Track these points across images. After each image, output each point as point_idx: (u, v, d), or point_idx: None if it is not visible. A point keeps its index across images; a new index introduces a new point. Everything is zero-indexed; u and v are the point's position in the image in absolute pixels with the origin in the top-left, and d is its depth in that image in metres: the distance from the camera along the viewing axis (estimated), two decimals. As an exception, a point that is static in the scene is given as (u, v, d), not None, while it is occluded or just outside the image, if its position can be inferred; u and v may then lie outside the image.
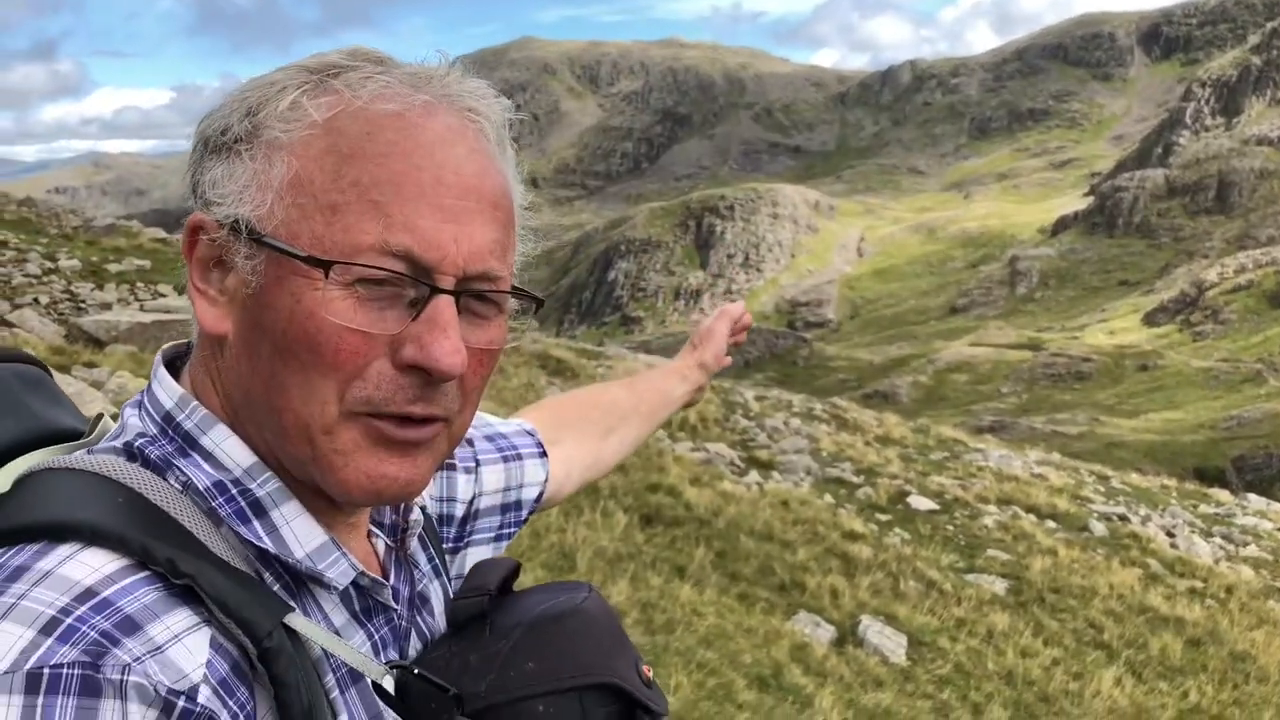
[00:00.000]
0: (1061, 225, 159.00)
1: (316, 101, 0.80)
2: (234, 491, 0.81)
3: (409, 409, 0.80)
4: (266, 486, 0.82)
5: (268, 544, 0.81)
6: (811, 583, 8.60)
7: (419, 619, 0.98)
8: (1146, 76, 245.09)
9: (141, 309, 12.42)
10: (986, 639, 8.41)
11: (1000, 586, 9.93)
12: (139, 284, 14.24)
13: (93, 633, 0.66)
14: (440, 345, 0.78)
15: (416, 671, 0.85)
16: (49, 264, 14.17)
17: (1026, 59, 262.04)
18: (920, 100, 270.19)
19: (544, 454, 1.29)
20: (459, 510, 1.16)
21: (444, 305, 0.79)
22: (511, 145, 0.90)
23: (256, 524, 0.81)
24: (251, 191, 0.80)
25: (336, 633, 0.85)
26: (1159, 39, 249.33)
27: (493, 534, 1.20)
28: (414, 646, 0.95)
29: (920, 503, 12.38)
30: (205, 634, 0.71)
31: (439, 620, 1.01)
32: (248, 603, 0.73)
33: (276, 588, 0.82)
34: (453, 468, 1.16)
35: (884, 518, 11.71)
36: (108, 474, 0.78)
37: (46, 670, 0.64)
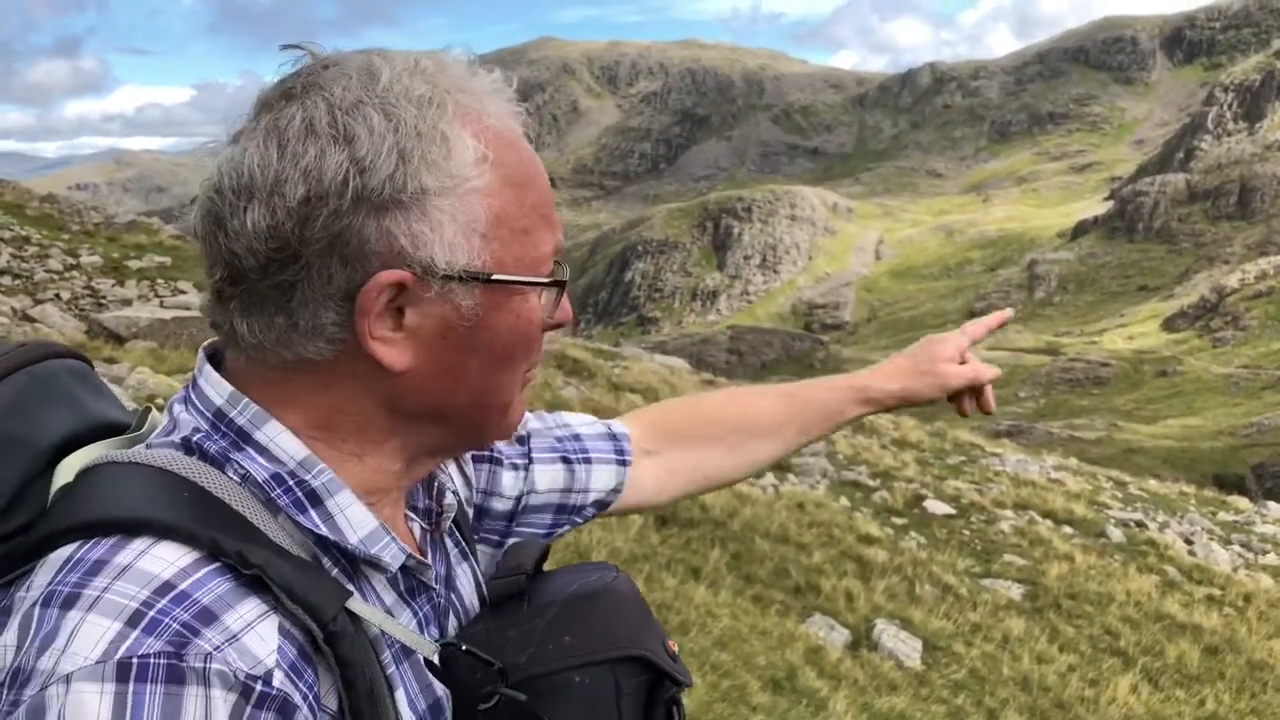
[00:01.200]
0: (1081, 229, 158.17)
1: (471, 130, 0.86)
2: (290, 483, 0.85)
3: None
4: (321, 477, 0.86)
5: (324, 530, 0.85)
6: (826, 586, 8.59)
7: (455, 597, 1.03)
8: (1169, 80, 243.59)
9: (161, 305, 12.51)
10: (1002, 644, 8.38)
11: (1016, 592, 9.89)
12: (159, 280, 14.34)
13: (175, 624, 0.70)
14: (567, 312, 0.95)
15: (465, 648, 0.90)
16: (70, 260, 14.29)
17: (1048, 62, 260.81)
18: (940, 103, 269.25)
19: (623, 462, 1.29)
20: (502, 505, 1.19)
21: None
22: None
23: (313, 512, 0.85)
24: (462, 239, 0.85)
25: (388, 612, 0.90)
26: (1182, 43, 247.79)
27: (544, 531, 1.23)
28: (451, 624, 1.01)
29: (936, 507, 12.34)
30: (274, 621, 0.75)
31: (468, 599, 1.06)
32: (312, 589, 0.78)
33: (335, 572, 0.86)
34: (498, 462, 1.19)
35: (900, 521, 11.68)
36: (171, 468, 0.82)
37: (135, 660, 0.68)
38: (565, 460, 1.25)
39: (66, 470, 0.85)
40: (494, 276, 0.86)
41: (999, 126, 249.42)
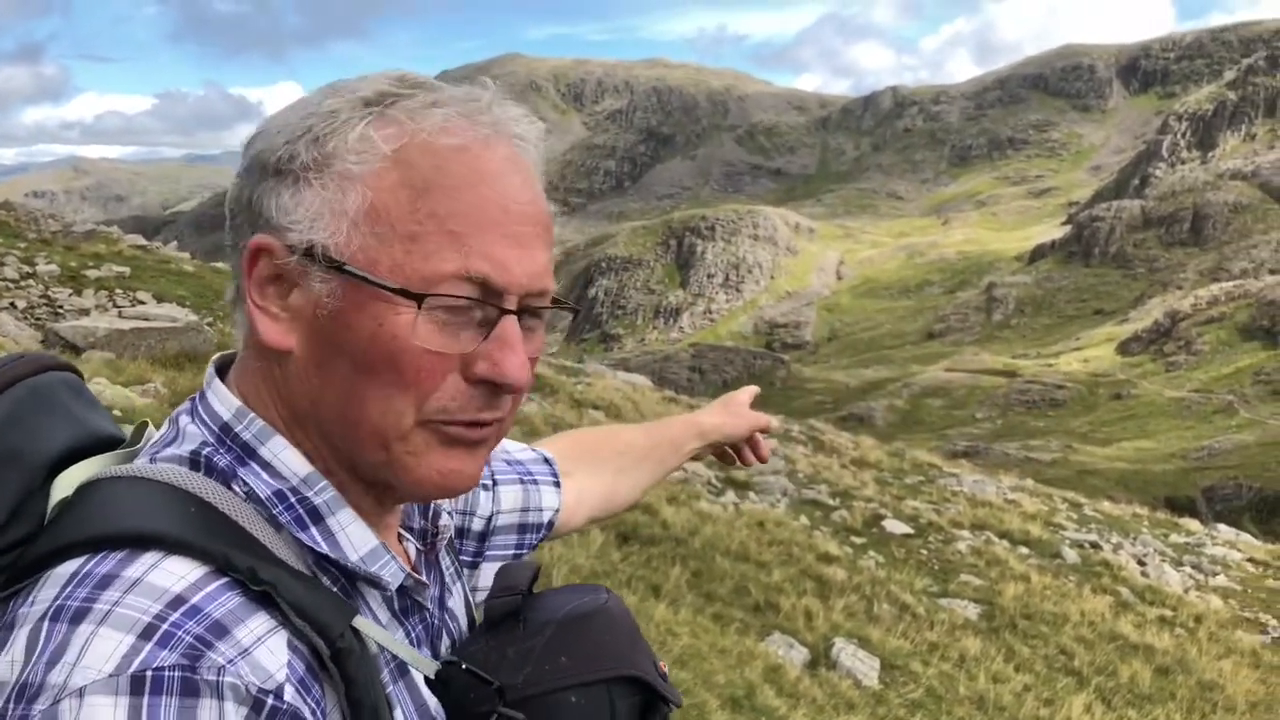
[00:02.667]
0: (1038, 253, 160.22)
1: (383, 133, 0.84)
2: (293, 500, 0.86)
3: (479, 416, 0.87)
4: (323, 495, 0.87)
5: (325, 548, 0.86)
6: (786, 604, 8.62)
7: (447, 618, 1.04)
8: (1125, 108, 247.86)
9: (120, 316, 12.35)
10: (958, 664, 8.45)
11: (973, 611, 9.97)
12: (118, 290, 14.17)
13: (188, 637, 0.70)
14: (510, 361, 0.85)
15: (464, 666, 0.92)
16: (27, 269, 14.08)
17: (1007, 88, 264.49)
18: (901, 126, 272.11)
19: (558, 483, 1.34)
20: (477, 525, 1.23)
21: (510, 324, 0.86)
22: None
23: (314, 529, 0.86)
24: (326, 219, 0.83)
25: (384, 628, 0.91)
26: (1137, 72, 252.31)
27: (510, 552, 1.27)
28: (444, 645, 1.01)
29: (895, 526, 12.43)
30: (283, 636, 0.75)
31: (461, 620, 1.07)
32: (320, 606, 0.78)
33: (335, 589, 0.87)
34: None
35: (859, 540, 11.75)
36: (177, 483, 0.82)
37: (149, 673, 0.67)
38: (520, 480, 1.29)
39: (65, 484, 0.85)
40: (343, 265, 0.83)
41: (959, 150, 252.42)
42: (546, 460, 1.36)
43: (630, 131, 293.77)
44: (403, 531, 1.03)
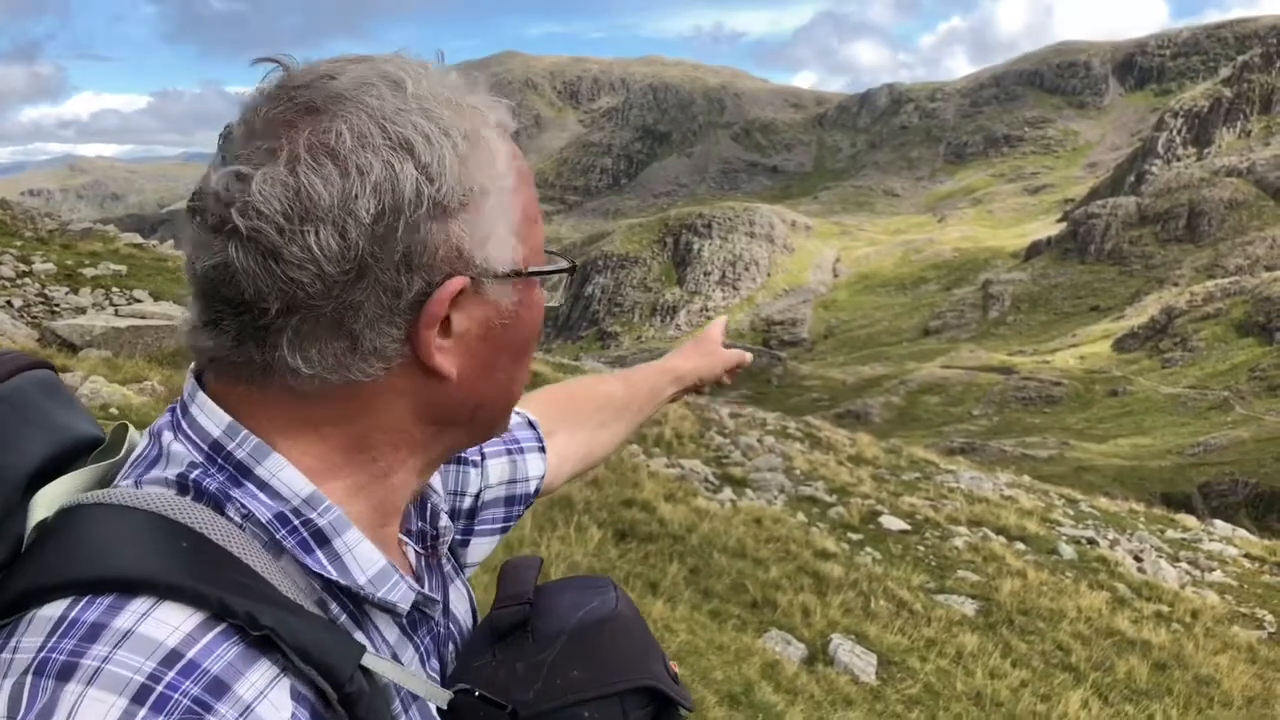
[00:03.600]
0: (1034, 250, 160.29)
1: (503, 142, 0.87)
2: (296, 522, 0.81)
3: None
4: (328, 515, 0.82)
5: (332, 573, 0.82)
6: (783, 601, 8.64)
7: (449, 622, 1.02)
8: (1121, 105, 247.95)
9: (116, 314, 12.34)
10: (956, 659, 8.47)
11: (970, 607, 9.99)
12: (114, 289, 14.15)
13: (185, 699, 0.66)
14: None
15: (478, 693, 0.89)
16: (23, 267, 14.06)
17: (1003, 85, 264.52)
18: (897, 123, 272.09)
19: (543, 448, 1.33)
20: (467, 503, 1.20)
21: None
22: None
23: (320, 553, 0.82)
24: (509, 237, 0.85)
25: (393, 649, 0.88)
26: (1133, 69, 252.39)
27: (499, 526, 1.24)
28: (450, 650, 0.99)
29: (892, 523, 12.44)
30: (286, 685, 0.72)
31: (464, 620, 1.05)
32: (326, 647, 0.74)
33: (343, 618, 0.84)
34: (464, 461, 1.20)
35: (856, 537, 11.77)
36: (167, 513, 0.77)
37: None
38: (508, 451, 1.27)
39: (44, 503, 0.79)
40: (531, 270, 0.87)
41: (955, 148, 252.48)
42: (531, 424, 1.34)
43: (627, 129, 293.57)
44: (402, 536, 0.99)
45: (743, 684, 6.54)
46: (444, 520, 1.04)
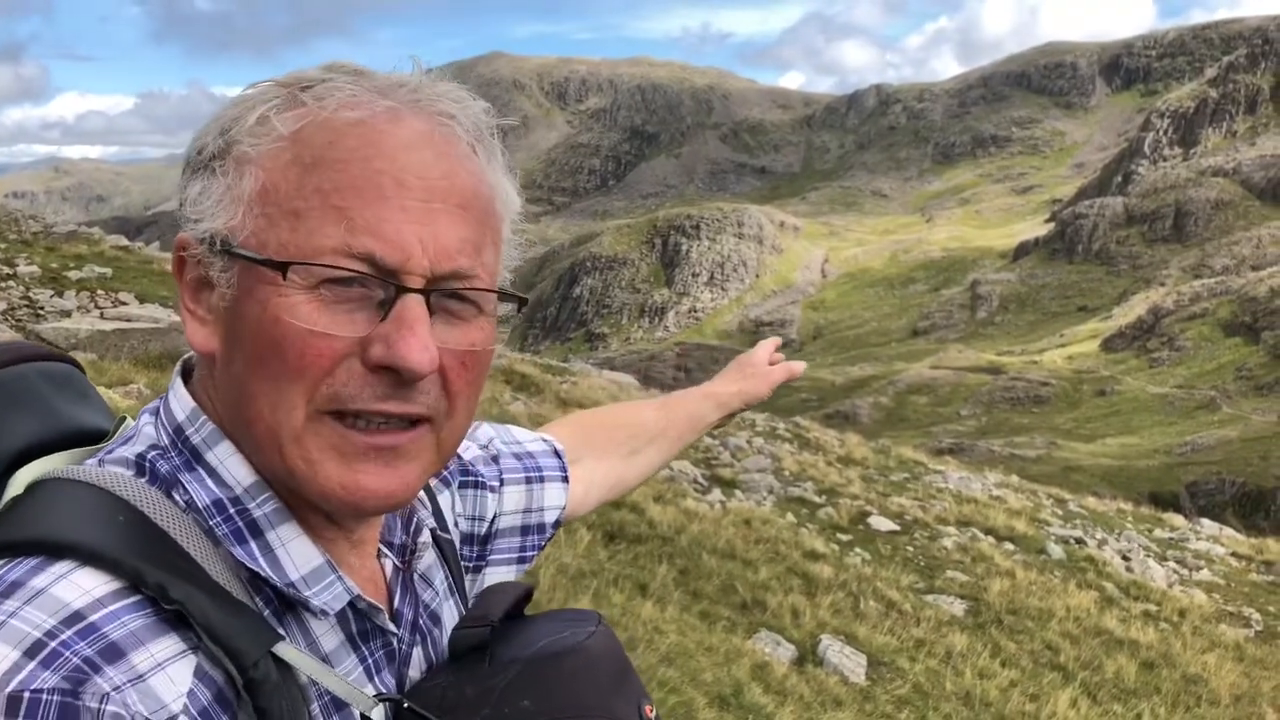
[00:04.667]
0: (1022, 250, 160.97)
1: (284, 116, 0.81)
2: (231, 511, 0.81)
3: (380, 406, 0.79)
4: (265, 507, 0.81)
5: (261, 565, 0.80)
6: (773, 602, 8.63)
7: (428, 641, 0.98)
8: (1107, 106, 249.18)
9: (102, 317, 12.27)
10: (945, 660, 8.47)
11: (959, 608, 10.00)
12: (99, 291, 14.06)
13: (75, 659, 0.66)
14: (407, 342, 0.77)
15: (406, 705, 0.85)
16: (7, 270, 13.97)
17: (990, 85, 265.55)
18: (885, 124, 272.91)
19: (566, 478, 1.28)
20: (482, 530, 1.16)
21: (411, 304, 0.79)
22: (499, 145, 0.90)
23: (253, 544, 0.81)
24: (224, 205, 0.81)
25: (325, 657, 0.84)
26: (1120, 69, 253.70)
27: (515, 555, 1.20)
28: (416, 670, 0.95)
29: (881, 523, 12.45)
30: (190, 662, 0.71)
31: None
32: (236, 630, 0.73)
33: (267, 612, 0.81)
34: (481, 485, 1.16)
35: (845, 538, 11.77)
36: (113, 489, 0.78)
37: (27, 694, 0.64)
38: (527, 480, 1.23)
39: (19, 482, 0.82)
40: (232, 247, 0.80)
41: (943, 148, 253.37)
42: (557, 453, 1.29)
43: (614, 130, 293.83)
44: (382, 547, 0.97)
45: (732, 685, 6.53)
46: (424, 535, 1.00)
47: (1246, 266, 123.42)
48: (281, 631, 0.79)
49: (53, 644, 0.66)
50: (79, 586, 0.70)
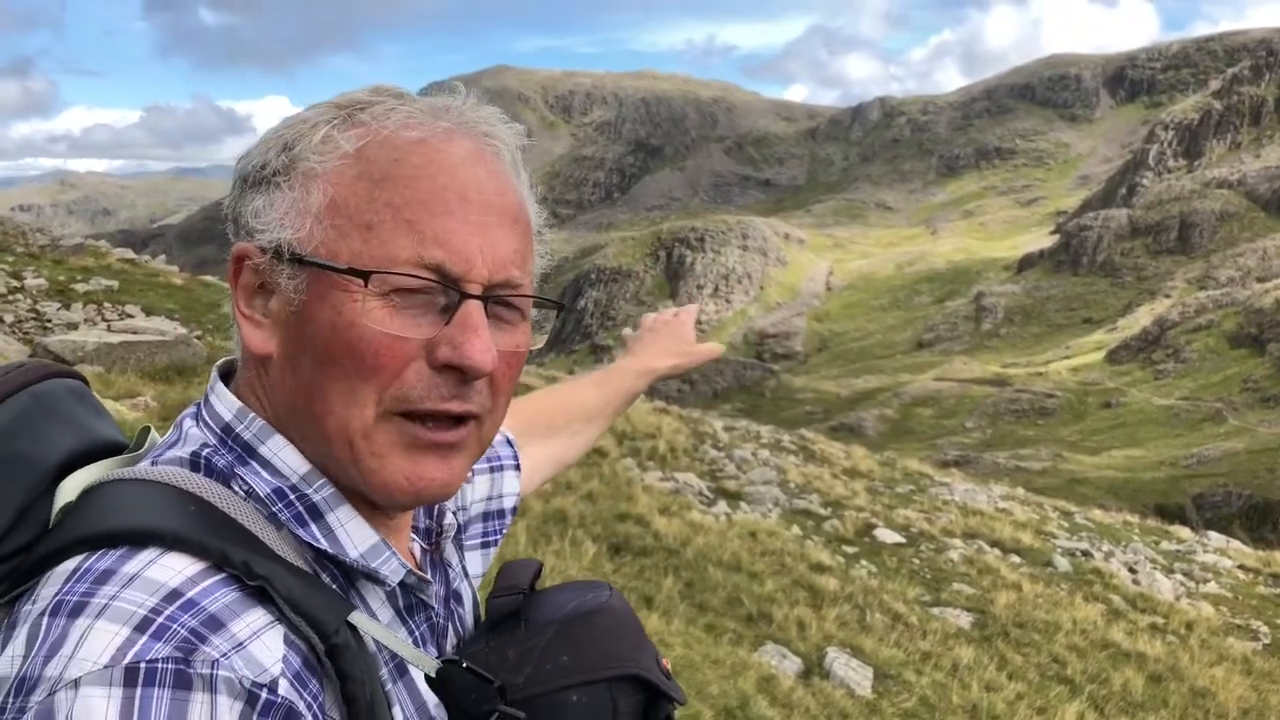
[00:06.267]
0: (1027, 262, 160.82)
1: (347, 134, 0.87)
2: (292, 497, 0.86)
3: (445, 406, 0.87)
4: (322, 492, 0.87)
5: (324, 544, 0.86)
6: (779, 614, 8.61)
7: (454, 617, 1.05)
8: (1111, 118, 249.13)
9: (109, 329, 12.31)
10: (951, 672, 8.44)
11: (965, 620, 9.97)
12: (106, 304, 14.12)
13: (183, 630, 0.70)
14: (472, 344, 0.85)
15: (465, 665, 0.90)
16: (14, 282, 14.02)
17: (994, 98, 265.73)
18: (889, 136, 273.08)
19: (519, 466, 1.35)
20: (462, 518, 1.22)
21: (474, 309, 0.86)
22: (524, 166, 0.98)
23: (314, 526, 0.86)
24: (292, 217, 0.86)
25: (384, 627, 0.90)
26: (1124, 81, 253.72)
27: (479, 541, 1.26)
28: (449, 643, 1.02)
29: (886, 535, 12.43)
30: (279, 631, 0.76)
31: (468, 618, 1.09)
32: (317, 602, 0.79)
33: (334, 587, 0.87)
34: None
35: (851, 550, 11.75)
36: (177, 484, 0.83)
37: (143, 665, 0.68)
38: (490, 469, 1.30)
39: (69, 489, 0.85)
40: (304, 256, 0.85)
41: (947, 160, 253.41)
42: (509, 442, 1.36)
43: (619, 143, 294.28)
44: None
45: (739, 698, 6.52)
46: (449, 518, 1.08)
47: (1252, 278, 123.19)
48: (355, 604, 0.86)
49: (159, 619, 0.70)
50: (170, 568, 0.75)
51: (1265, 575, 14.99)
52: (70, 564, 0.76)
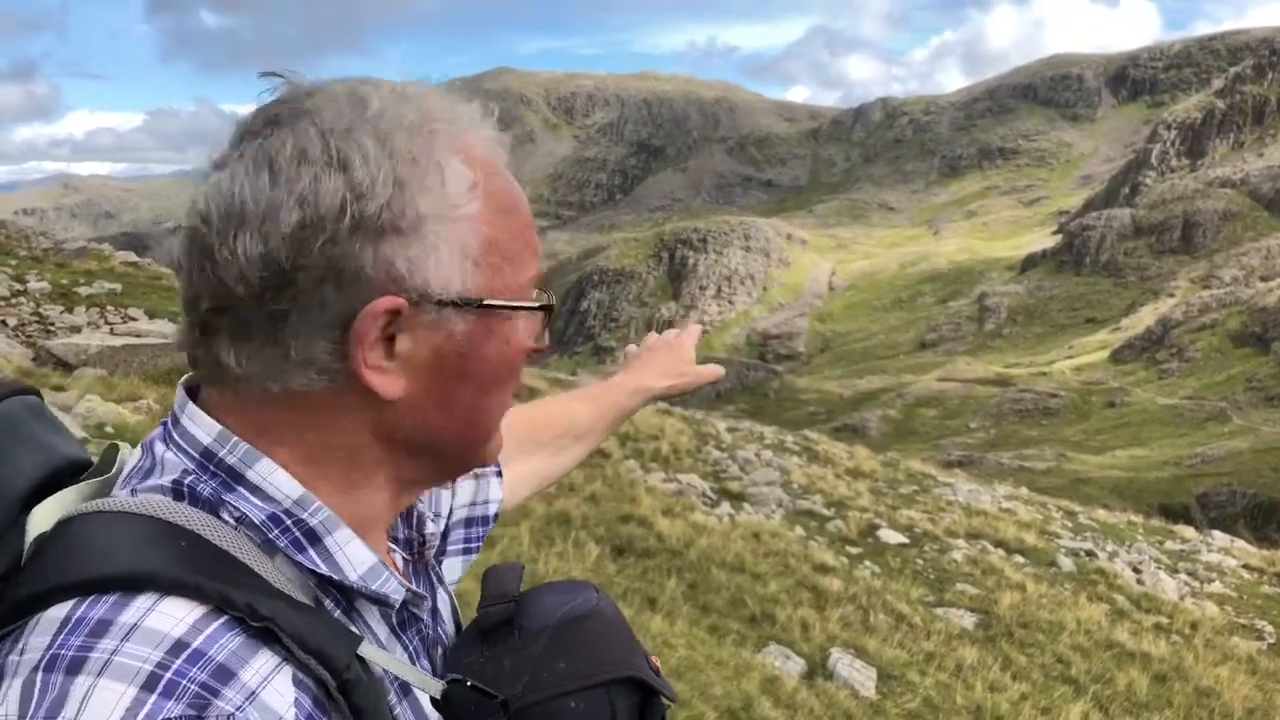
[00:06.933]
0: (1030, 262, 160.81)
1: (468, 168, 0.86)
2: (288, 522, 0.83)
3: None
4: (319, 515, 0.84)
5: (324, 569, 0.84)
6: (782, 615, 8.61)
7: (440, 626, 1.05)
8: (1114, 117, 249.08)
9: (112, 332, 12.33)
10: (955, 673, 8.43)
11: (969, 620, 9.96)
12: (109, 307, 14.12)
13: (193, 685, 0.68)
14: (544, 334, 0.95)
15: (470, 683, 0.90)
16: (18, 286, 14.04)
17: (996, 98, 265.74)
18: (891, 137, 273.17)
19: (500, 473, 1.34)
20: (442, 524, 1.21)
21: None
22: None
23: (312, 551, 0.84)
24: (455, 262, 0.84)
25: (383, 645, 0.90)
26: (1126, 81, 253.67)
27: (461, 547, 1.25)
28: (438, 653, 1.01)
29: (890, 536, 12.42)
30: (288, 673, 0.74)
31: (448, 625, 1.07)
32: (325, 637, 0.77)
33: (337, 613, 0.86)
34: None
35: (854, 551, 11.74)
36: (164, 516, 0.79)
37: None
38: (475, 474, 1.29)
39: (42, 519, 0.81)
40: (485, 302, 0.86)
41: (949, 160, 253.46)
42: None
43: (621, 144, 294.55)
44: (389, 544, 1.03)
45: (742, 699, 6.51)
46: (430, 527, 1.07)
47: (1255, 277, 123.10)
48: (361, 635, 0.84)
49: (167, 675, 0.68)
50: (171, 616, 0.71)
51: (1270, 575, 14.97)
52: (59, 611, 0.72)
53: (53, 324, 12.79)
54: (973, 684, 8.23)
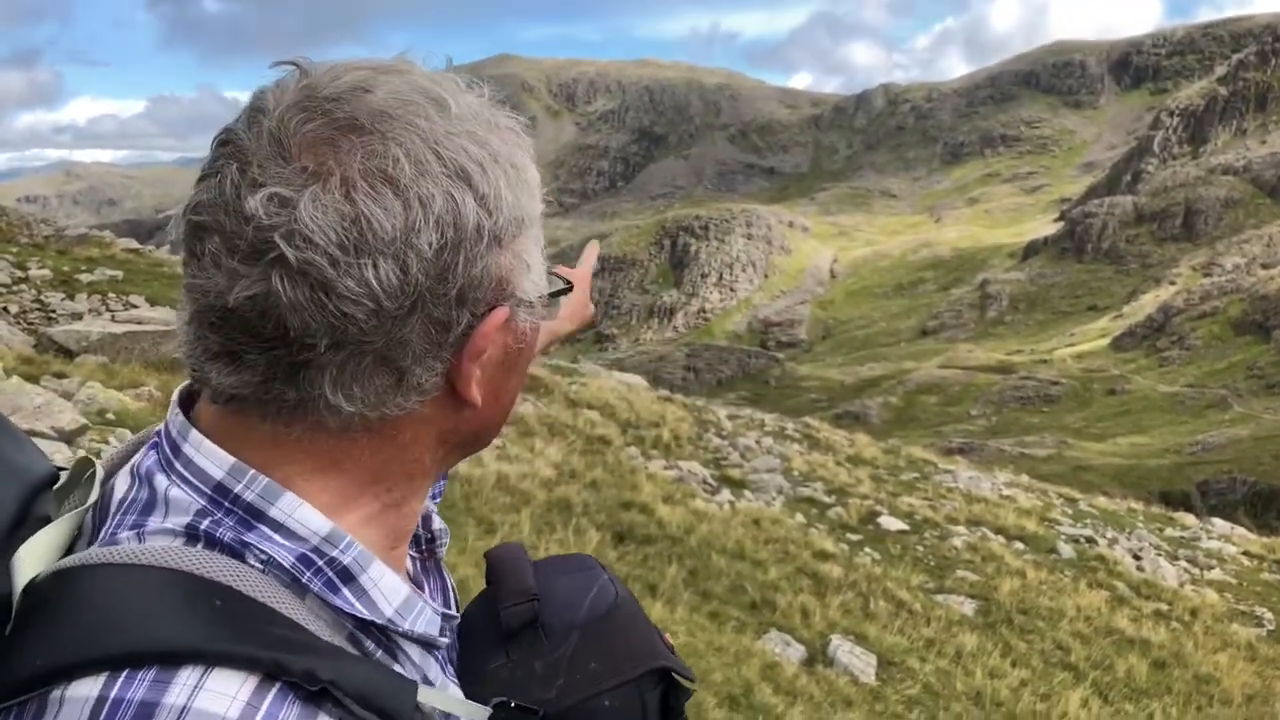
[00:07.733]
0: (1032, 249, 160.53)
1: (532, 161, 0.84)
2: (320, 563, 0.77)
3: None
4: (351, 551, 0.78)
5: (362, 611, 0.78)
6: (782, 602, 8.63)
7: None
8: (1116, 104, 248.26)
9: (113, 319, 12.32)
10: (955, 659, 8.46)
11: (969, 607, 9.99)
12: (111, 294, 14.12)
13: None
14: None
15: (514, 704, 0.89)
16: (19, 273, 14.04)
17: (999, 85, 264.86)
18: (893, 124, 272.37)
19: None
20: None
21: None
22: None
23: (345, 591, 0.78)
24: (543, 264, 0.84)
25: (417, 667, 0.85)
26: (1129, 68, 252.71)
27: None
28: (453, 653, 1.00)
29: (890, 523, 12.44)
30: None
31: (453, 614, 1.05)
32: (385, 692, 0.71)
33: (379, 653, 0.81)
34: None
35: (854, 537, 11.76)
36: (189, 568, 0.71)
37: None
38: None
39: (30, 561, 0.73)
40: (552, 292, 0.85)
41: (951, 147, 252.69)
42: None
43: (623, 131, 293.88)
44: None
45: (742, 685, 6.54)
46: (437, 523, 1.02)
47: (1257, 265, 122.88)
48: (397, 670, 0.80)
49: None
50: (222, 694, 0.65)
51: (1269, 561, 14.99)
52: (86, 690, 0.64)
53: (54, 311, 12.78)
54: (973, 670, 8.26)
